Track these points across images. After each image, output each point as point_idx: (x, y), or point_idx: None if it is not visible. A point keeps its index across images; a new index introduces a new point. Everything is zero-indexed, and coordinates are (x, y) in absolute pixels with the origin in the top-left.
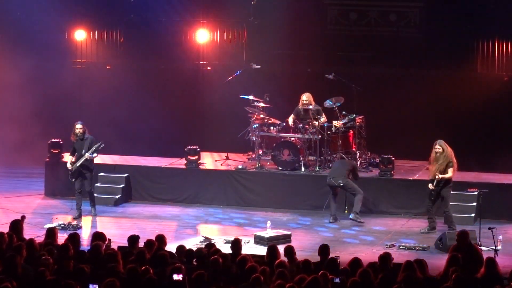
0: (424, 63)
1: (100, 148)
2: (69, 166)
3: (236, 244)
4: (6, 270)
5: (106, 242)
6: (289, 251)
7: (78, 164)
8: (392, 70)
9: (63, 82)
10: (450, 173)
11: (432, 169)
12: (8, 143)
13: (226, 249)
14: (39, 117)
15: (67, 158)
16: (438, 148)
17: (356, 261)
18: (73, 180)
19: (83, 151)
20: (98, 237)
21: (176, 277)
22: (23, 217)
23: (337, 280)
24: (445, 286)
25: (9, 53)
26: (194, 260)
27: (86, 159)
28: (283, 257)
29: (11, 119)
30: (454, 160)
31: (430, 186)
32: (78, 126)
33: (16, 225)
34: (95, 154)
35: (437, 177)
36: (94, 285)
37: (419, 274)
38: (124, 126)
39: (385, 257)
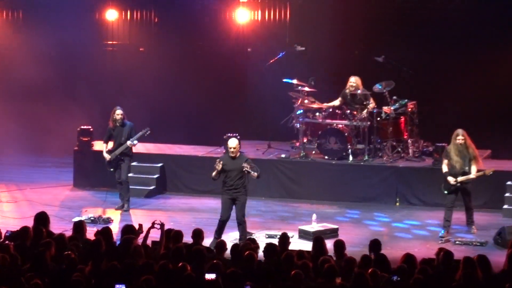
0: (477, 46)
1: (146, 135)
2: (106, 155)
3: (284, 239)
4: (34, 266)
5: (156, 224)
6: (339, 245)
7: (117, 153)
8: (446, 53)
9: (94, 64)
10: (475, 170)
11: (458, 162)
12: (35, 130)
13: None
14: (68, 102)
15: (100, 146)
16: (461, 138)
17: (409, 258)
18: (111, 169)
19: (123, 138)
20: (128, 230)
21: (208, 276)
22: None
23: (394, 278)
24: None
25: (37, 32)
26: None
27: (127, 146)
28: (330, 253)
29: (37, 104)
30: (477, 152)
31: (452, 180)
32: (119, 112)
33: (41, 218)
34: (136, 142)
35: (468, 177)
36: (121, 285)
37: (479, 272)
38: (158, 112)
39: (449, 253)
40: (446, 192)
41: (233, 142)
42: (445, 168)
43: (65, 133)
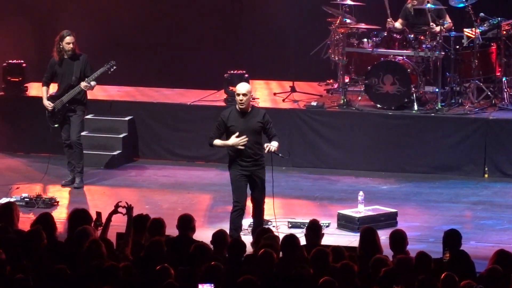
0: None
1: (110, 72)
2: (47, 103)
3: (313, 229)
4: None
5: (121, 207)
6: (399, 238)
7: (65, 100)
8: None
9: None
10: None
11: None
12: None
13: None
14: None
15: (38, 89)
16: None
17: (504, 257)
18: (56, 125)
19: (74, 78)
20: (81, 218)
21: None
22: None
23: None
24: None
25: None
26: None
27: (81, 90)
28: (386, 250)
29: None
30: None
31: None
32: (69, 39)
33: None
34: (94, 83)
35: None
36: None
37: None
38: (123, 40)
39: None
40: None
41: (242, 87)
42: None
43: None
